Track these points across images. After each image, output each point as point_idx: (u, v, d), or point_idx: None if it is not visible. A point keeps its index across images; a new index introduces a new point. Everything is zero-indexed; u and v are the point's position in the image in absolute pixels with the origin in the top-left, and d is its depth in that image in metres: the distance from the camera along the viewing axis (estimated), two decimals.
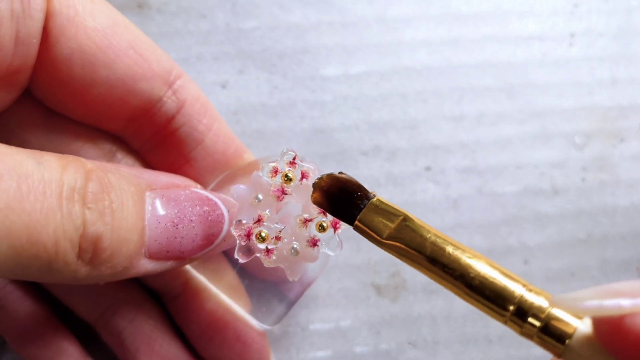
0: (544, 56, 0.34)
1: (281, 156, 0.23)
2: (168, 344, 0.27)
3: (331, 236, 0.23)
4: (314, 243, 0.23)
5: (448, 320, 0.31)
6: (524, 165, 0.33)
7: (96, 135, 0.26)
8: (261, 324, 0.27)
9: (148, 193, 0.22)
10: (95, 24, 0.23)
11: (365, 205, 0.22)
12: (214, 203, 0.24)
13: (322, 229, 0.23)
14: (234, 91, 0.33)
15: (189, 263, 0.24)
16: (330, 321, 0.31)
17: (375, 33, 0.34)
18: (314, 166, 0.23)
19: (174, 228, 0.22)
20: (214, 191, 0.26)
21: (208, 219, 0.23)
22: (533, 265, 0.32)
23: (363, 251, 0.32)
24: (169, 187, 0.23)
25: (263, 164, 0.23)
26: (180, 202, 0.23)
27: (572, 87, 0.34)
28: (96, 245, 0.20)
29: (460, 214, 0.32)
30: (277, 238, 0.23)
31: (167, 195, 0.23)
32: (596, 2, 0.35)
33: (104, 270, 0.21)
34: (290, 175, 0.23)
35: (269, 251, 0.23)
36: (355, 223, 0.22)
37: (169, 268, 0.23)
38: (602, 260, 0.33)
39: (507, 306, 0.19)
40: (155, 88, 0.25)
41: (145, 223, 0.22)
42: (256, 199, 0.23)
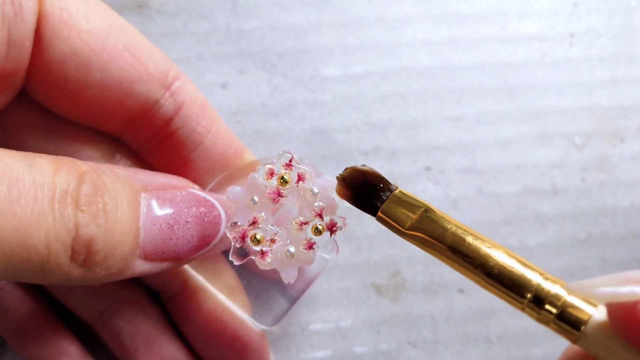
0: (544, 56, 0.34)
1: (277, 158, 0.23)
2: (168, 343, 0.27)
3: (327, 239, 0.23)
4: (310, 246, 0.23)
5: (448, 320, 0.31)
6: (523, 165, 0.33)
7: (95, 136, 0.26)
8: (260, 324, 0.27)
9: (143, 194, 0.22)
10: (89, 26, 0.23)
11: (387, 196, 0.22)
12: (211, 204, 0.24)
13: (318, 232, 0.23)
14: (234, 91, 0.33)
15: (185, 264, 0.24)
16: (330, 321, 0.31)
17: (375, 33, 0.34)
18: (311, 169, 0.23)
19: (169, 229, 0.22)
20: (213, 191, 0.26)
21: (204, 220, 0.23)
22: None
23: (363, 251, 0.32)
24: (165, 188, 0.23)
25: (259, 165, 0.23)
26: (176, 203, 0.23)
27: (572, 87, 0.34)
28: (89, 247, 0.20)
29: (460, 214, 0.32)
30: (272, 241, 0.23)
31: (163, 196, 0.23)
32: (596, 2, 0.35)
33: (98, 272, 0.21)
34: (287, 178, 0.23)
35: (263, 254, 0.23)
36: (378, 214, 0.22)
37: (165, 269, 0.23)
38: (602, 260, 0.33)
39: (525, 294, 0.20)
40: (152, 90, 0.25)
41: (140, 224, 0.22)
42: (252, 201, 0.23)
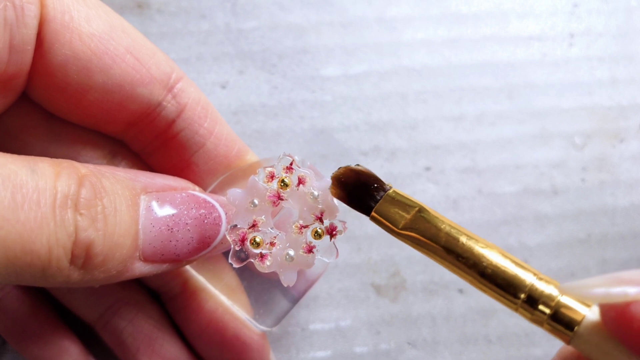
0: (543, 56, 0.34)
1: (278, 161, 0.23)
2: (168, 343, 0.27)
3: (327, 243, 0.23)
4: (310, 249, 0.23)
5: (448, 320, 0.31)
6: (523, 165, 0.33)
7: (97, 137, 0.26)
8: (260, 325, 0.27)
9: (143, 196, 0.22)
10: (90, 30, 0.23)
11: (381, 196, 0.22)
12: (211, 205, 0.23)
13: (318, 236, 0.23)
14: (234, 91, 0.33)
15: (185, 265, 0.24)
16: (330, 321, 0.31)
17: (375, 33, 0.34)
18: (312, 172, 0.23)
19: (169, 231, 0.22)
20: (215, 193, 0.26)
21: (204, 222, 0.23)
22: (533, 265, 0.32)
23: (363, 251, 0.32)
24: (165, 190, 0.23)
25: (259, 168, 0.23)
26: (176, 205, 0.23)
27: (572, 87, 0.34)
28: (88, 251, 0.20)
29: (460, 214, 0.32)
30: (272, 244, 0.23)
31: (163, 198, 0.23)
32: (596, 2, 0.35)
33: (97, 275, 0.21)
34: (287, 181, 0.23)
35: (262, 257, 0.23)
36: (372, 214, 0.22)
37: (165, 270, 0.23)
38: (602, 260, 0.33)
39: (518, 294, 0.20)
40: (154, 93, 0.25)
41: (139, 227, 0.22)
42: (252, 203, 0.23)
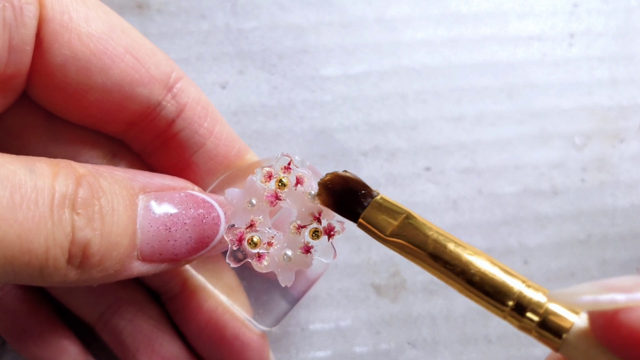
0: (543, 56, 0.34)
1: (276, 161, 0.23)
2: (168, 343, 0.27)
3: (325, 243, 0.23)
4: (307, 250, 0.23)
5: (448, 320, 0.31)
6: (523, 165, 0.33)
7: (97, 137, 0.26)
8: (260, 325, 0.27)
9: (141, 196, 0.22)
10: (89, 30, 0.23)
11: (369, 203, 0.22)
12: (210, 205, 0.23)
13: (316, 236, 0.23)
14: (234, 91, 0.33)
15: (184, 265, 0.24)
16: (330, 321, 0.31)
17: (374, 33, 0.34)
18: (309, 172, 0.23)
19: (167, 231, 0.22)
20: (214, 192, 0.26)
21: (203, 222, 0.23)
22: (533, 266, 0.32)
23: (363, 251, 0.32)
24: (164, 190, 0.23)
25: (257, 168, 0.23)
26: (174, 205, 0.23)
27: (572, 87, 0.34)
28: (85, 250, 0.20)
29: (460, 215, 0.32)
30: (270, 244, 0.23)
31: (161, 198, 0.23)
32: (596, 2, 0.35)
33: (94, 274, 0.21)
34: (285, 181, 0.23)
35: (260, 257, 0.23)
36: (359, 220, 0.22)
37: (164, 270, 0.23)
38: (602, 261, 0.33)
39: (507, 301, 0.20)
40: (154, 92, 0.25)
41: (137, 226, 0.22)
42: (249, 203, 0.23)
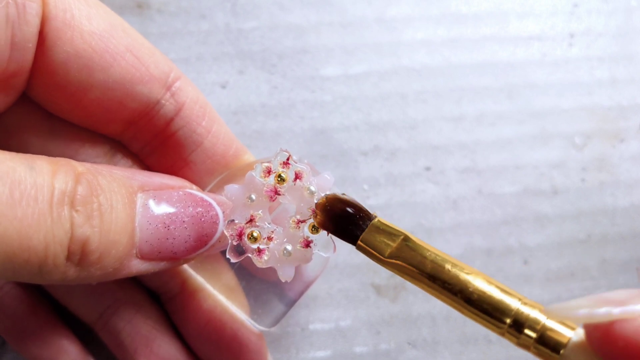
0: (543, 56, 0.34)
1: (275, 156, 0.23)
2: (167, 344, 0.27)
3: (325, 237, 0.23)
4: (307, 244, 0.23)
5: (448, 320, 0.31)
6: (523, 165, 0.33)
7: (96, 136, 0.26)
8: (258, 326, 0.27)
9: (140, 194, 0.22)
10: (91, 28, 0.23)
11: (367, 225, 0.22)
12: (208, 204, 0.24)
13: (315, 230, 0.23)
14: (234, 91, 0.33)
15: (183, 264, 0.24)
16: (330, 321, 0.31)
17: (374, 33, 0.34)
18: (308, 168, 0.23)
19: (166, 229, 0.22)
20: (212, 192, 0.26)
21: (201, 220, 0.23)
22: (533, 266, 0.32)
23: None
24: (162, 188, 0.23)
25: (257, 164, 0.23)
26: (173, 203, 0.23)
27: (572, 87, 0.34)
28: (84, 247, 0.20)
29: (460, 214, 0.32)
30: (270, 238, 0.23)
31: (159, 196, 0.23)
32: (596, 2, 0.35)
33: (93, 272, 0.21)
34: (284, 176, 0.23)
35: (260, 251, 0.23)
36: (358, 243, 0.22)
37: (163, 269, 0.23)
38: (602, 261, 0.33)
39: (504, 319, 0.20)
40: (153, 91, 0.25)
41: (136, 224, 0.22)
42: (249, 199, 0.23)
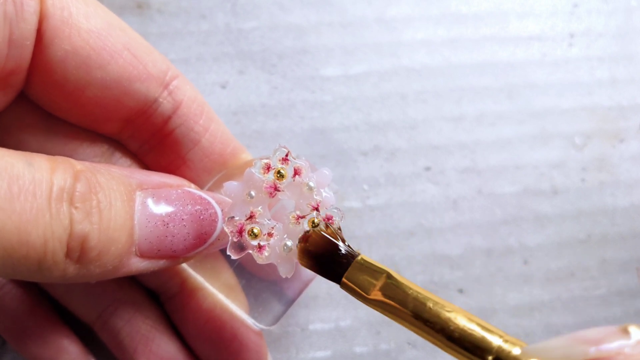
0: (543, 56, 0.34)
1: (274, 152, 0.23)
2: (166, 344, 0.27)
3: None
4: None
5: None
6: (523, 165, 0.33)
7: (94, 136, 0.26)
8: (258, 324, 0.27)
9: (138, 192, 0.22)
10: (89, 26, 0.23)
11: (350, 263, 0.22)
12: (207, 202, 0.24)
13: (315, 226, 0.23)
14: (234, 91, 0.33)
15: (183, 262, 0.24)
16: (330, 321, 0.31)
17: (374, 33, 0.34)
18: (307, 163, 0.23)
19: (165, 227, 0.22)
20: (211, 191, 0.26)
21: (200, 218, 0.23)
22: (533, 266, 0.32)
23: (363, 251, 0.32)
24: (161, 187, 0.23)
25: (256, 160, 0.23)
26: (172, 201, 0.23)
27: (572, 88, 0.34)
28: (83, 244, 0.20)
29: (460, 214, 0.32)
30: (270, 235, 0.23)
31: (158, 195, 0.23)
32: (596, 2, 0.35)
33: (93, 269, 0.21)
34: (283, 172, 0.23)
35: (261, 247, 0.23)
36: (342, 281, 0.22)
37: (162, 267, 0.23)
38: (602, 261, 0.33)
39: (486, 356, 0.20)
40: (151, 89, 0.25)
41: (135, 222, 0.22)
42: (248, 195, 0.23)
